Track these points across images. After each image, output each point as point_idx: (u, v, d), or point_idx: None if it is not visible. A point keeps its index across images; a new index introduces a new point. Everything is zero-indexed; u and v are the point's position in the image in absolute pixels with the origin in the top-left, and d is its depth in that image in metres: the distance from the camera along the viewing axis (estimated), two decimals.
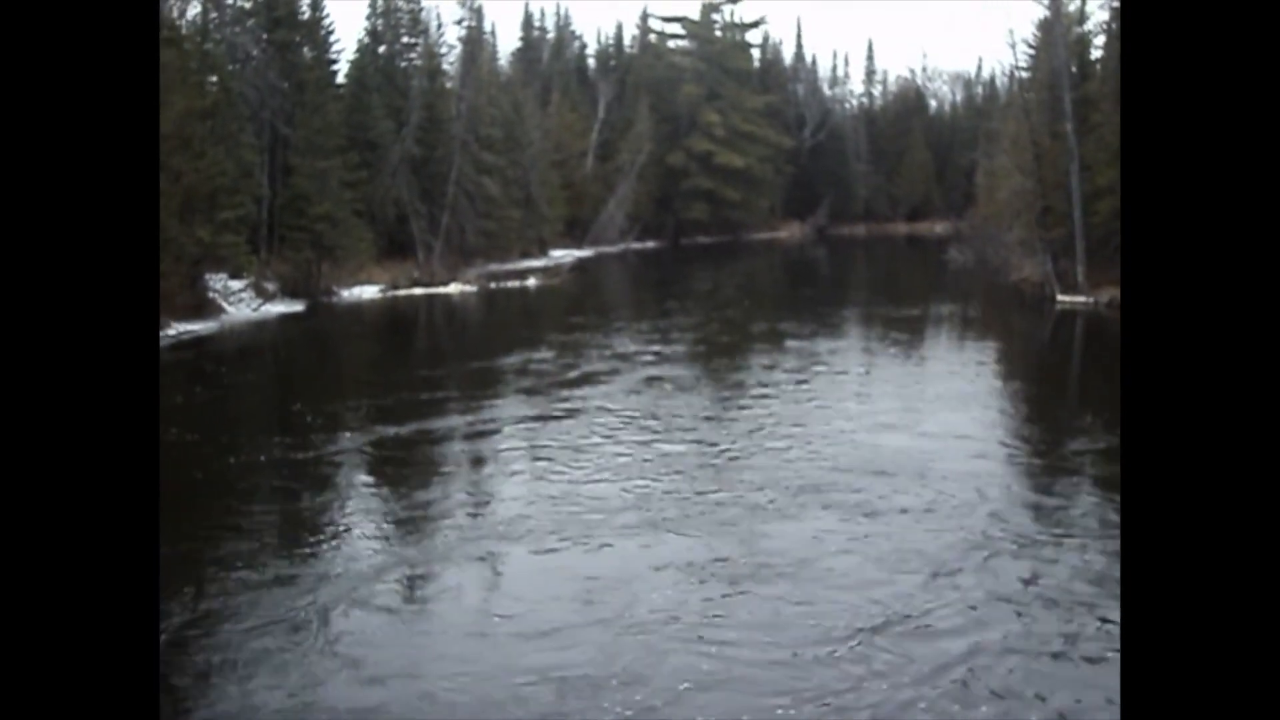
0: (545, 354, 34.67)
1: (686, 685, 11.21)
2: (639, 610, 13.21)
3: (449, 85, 65.07)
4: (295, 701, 11.29)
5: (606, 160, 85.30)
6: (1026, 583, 14.08)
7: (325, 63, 57.44)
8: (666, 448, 22.15)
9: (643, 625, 12.80)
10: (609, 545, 15.86)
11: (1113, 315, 43.21)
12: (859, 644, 12.04)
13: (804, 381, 29.79)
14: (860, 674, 11.33)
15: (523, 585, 14.44)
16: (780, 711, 10.59)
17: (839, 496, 18.39)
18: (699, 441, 22.68)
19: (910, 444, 22.08)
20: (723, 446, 22.29)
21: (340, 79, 59.53)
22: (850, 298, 56.65)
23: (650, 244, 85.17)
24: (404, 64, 63.86)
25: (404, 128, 59.29)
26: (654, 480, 19.61)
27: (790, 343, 37.38)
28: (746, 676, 11.40)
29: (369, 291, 52.46)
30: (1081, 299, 46.51)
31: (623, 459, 21.17)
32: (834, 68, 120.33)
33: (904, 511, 17.36)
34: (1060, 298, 47.25)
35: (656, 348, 36.14)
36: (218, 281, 44.71)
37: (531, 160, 71.45)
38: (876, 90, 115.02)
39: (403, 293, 53.30)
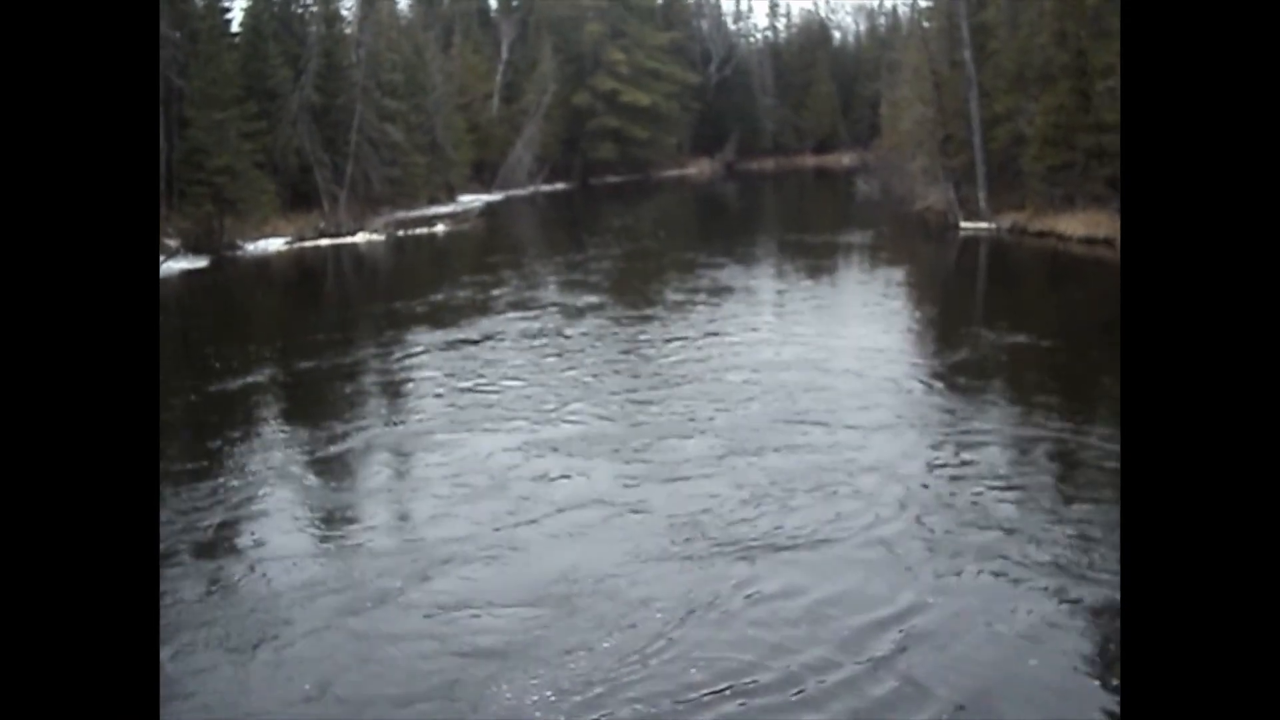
0: (456, 293, 35.45)
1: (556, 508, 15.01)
2: (523, 470, 16.68)
3: (348, 31, 64.74)
4: (213, 592, 12.83)
5: (512, 102, 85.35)
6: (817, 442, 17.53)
7: (219, 11, 56.95)
8: (575, 359, 23.92)
9: (526, 478, 16.29)
10: (510, 432, 18.64)
11: (1014, 240, 44.77)
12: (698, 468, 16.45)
13: (717, 303, 31.03)
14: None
15: (435, 468, 17.01)
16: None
17: (723, 387, 21.06)
18: (607, 354, 24.16)
19: (808, 350, 23.69)
20: (630, 355, 23.81)
21: (235, 27, 58.97)
22: (761, 229, 57.75)
23: (559, 185, 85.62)
24: (300, 10, 63.32)
25: (302, 75, 59.05)
26: (558, 384, 21.91)
27: (704, 270, 38.47)
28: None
29: (275, 244, 52.47)
30: (984, 225, 47.88)
31: (531, 369, 23.13)
32: (737, 2, 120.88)
33: (761, 394, 20.41)
34: (963, 224, 48.58)
35: (569, 278, 37.26)
36: None
37: (435, 104, 71.40)
38: (781, 23, 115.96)
39: (309, 244, 53.41)
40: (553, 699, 10.25)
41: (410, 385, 22.71)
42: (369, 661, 11.16)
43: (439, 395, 21.20)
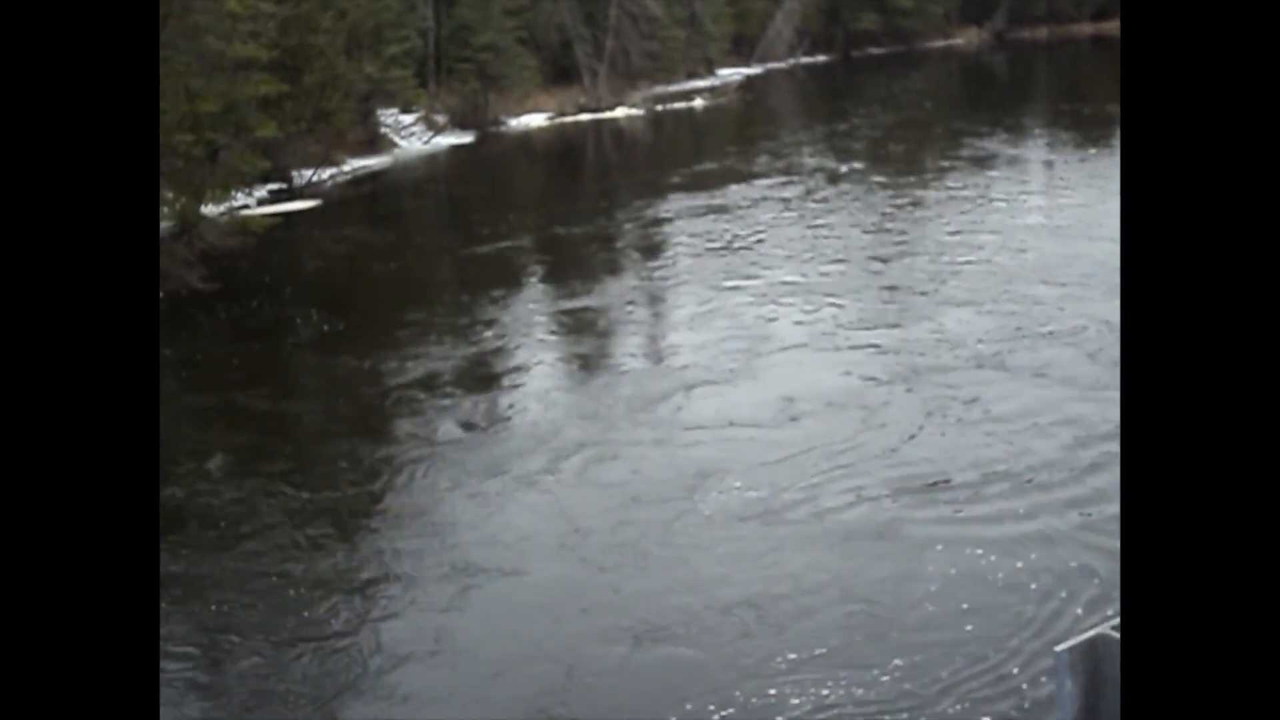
0: (714, 163, 36.17)
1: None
2: (762, 315, 18.11)
3: None
4: (473, 425, 14.67)
5: None
6: None
7: None
8: (827, 220, 25.13)
9: (765, 321, 17.77)
10: (754, 283, 19.90)
11: None
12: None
13: (979, 171, 31.04)
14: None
15: (681, 315, 18.62)
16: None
17: (971, 248, 21.63)
18: (859, 217, 25.03)
19: (1069, 218, 23.88)
20: (883, 218, 24.67)
21: None
22: (1031, 100, 56.32)
23: (820, 58, 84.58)
24: None
25: None
26: (807, 242, 23.05)
27: (969, 140, 38.06)
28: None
29: (536, 120, 53.96)
30: None
31: (783, 229, 24.41)
32: None
33: (1008, 254, 21.06)
34: None
35: (830, 146, 37.62)
36: (388, 116, 46.57)
37: None
38: None
39: (569, 119, 54.70)
40: (773, 495, 11.62)
41: (664, 245, 23.81)
42: (604, 480, 12.46)
43: (693, 254, 22.26)
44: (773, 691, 8.50)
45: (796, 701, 8.39)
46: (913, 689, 8.48)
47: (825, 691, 8.46)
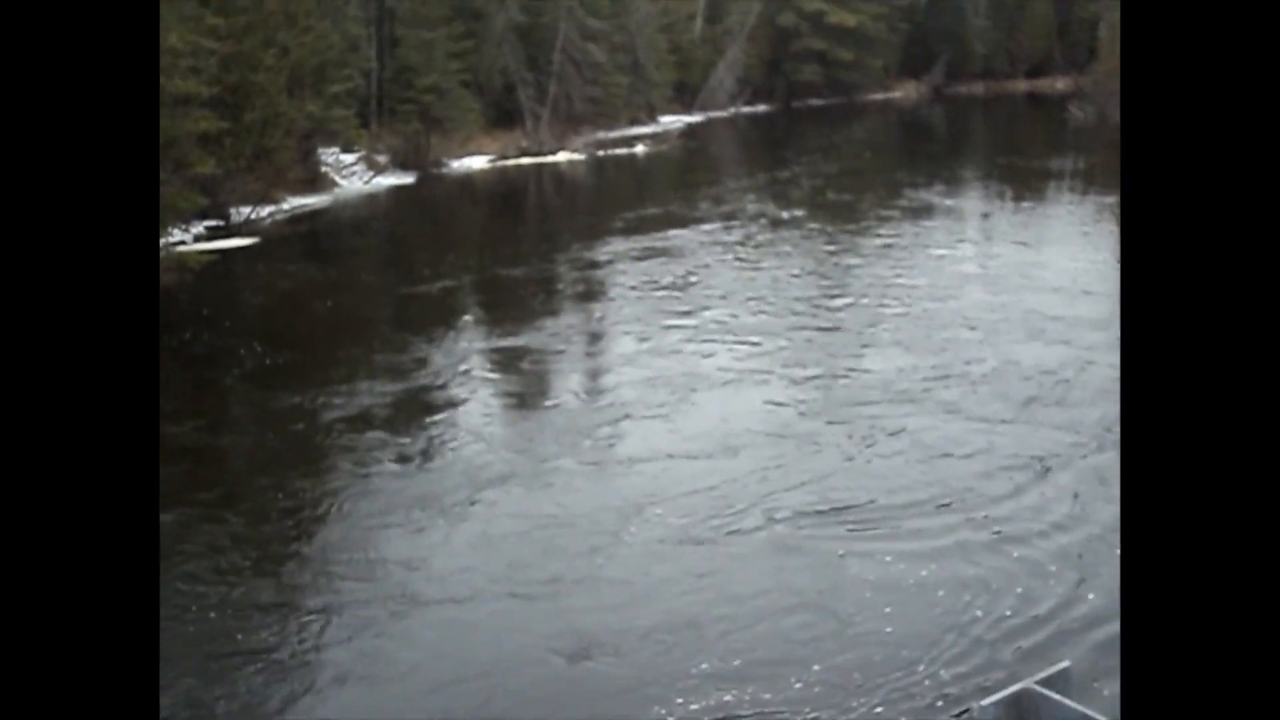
0: (656, 209, 36.50)
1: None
2: (698, 353, 18.75)
3: None
4: (409, 460, 15.13)
5: (715, 22, 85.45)
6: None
7: None
8: (767, 264, 25.55)
9: (699, 358, 18.44)
10: (693, 325, 20.56)
11: None
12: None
13: (917, 220, 31.79)
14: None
15: (618, 353, 19.28)
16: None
17: (905, 292, 22.38)
18: (798, 262, 25.76)
19: (1002, 266, 24.50)
20: (821, 263, 25.25)
21: None
22: (969, 154, 57.40)
23: (761, 108, 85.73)
24: None
25: None
26: (745, 286, 23.59)
27: (908, 190, 38.81)
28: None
29: (478, 162, 54.27)
30: None
31: (723, 272, 24.96)
32: None
33: (941, 298, 21.77)
34: None
35: (771, 194, 38.25)
36: (329, 155, 46.70)
37: (638, 24, 72.13)
38: None
39: (511, 163, 55.07)
40: (705, 521, 12.21)
41: (603, 287, 24.27)
42: (538, 511, 12.88)
43: (632, 296, 22.81)
44: (679, 700, 9.11)
45: (696, 707, 9.01)
46: (823, 692, 9.12)
47: (729, 699, 9.10)
